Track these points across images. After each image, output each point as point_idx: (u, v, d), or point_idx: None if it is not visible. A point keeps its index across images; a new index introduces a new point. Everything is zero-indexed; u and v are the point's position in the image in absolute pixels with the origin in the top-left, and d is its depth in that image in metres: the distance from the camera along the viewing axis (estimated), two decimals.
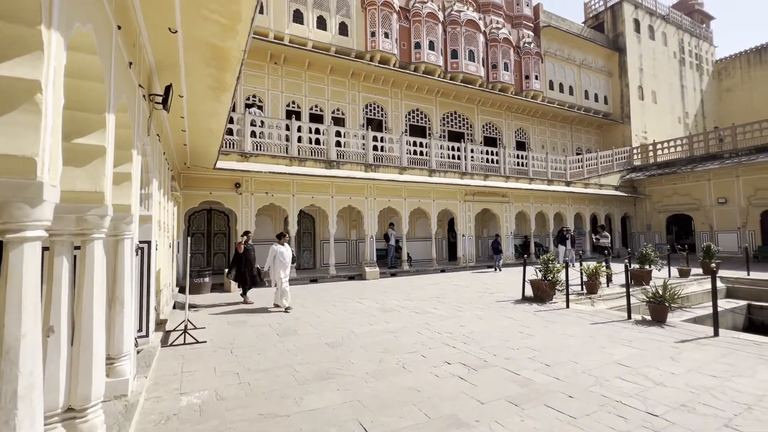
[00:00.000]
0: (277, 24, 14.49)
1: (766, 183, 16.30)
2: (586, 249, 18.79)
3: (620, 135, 24.20)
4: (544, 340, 5.22)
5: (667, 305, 6.06)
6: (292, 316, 6.91)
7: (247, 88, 14.53)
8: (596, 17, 26.57)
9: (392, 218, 14.93)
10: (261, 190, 11.64)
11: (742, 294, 11.24)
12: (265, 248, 13.21)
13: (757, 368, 4.03)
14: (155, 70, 4.13)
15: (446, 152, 15.56)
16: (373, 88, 16.99)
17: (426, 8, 17.21)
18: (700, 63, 29.56)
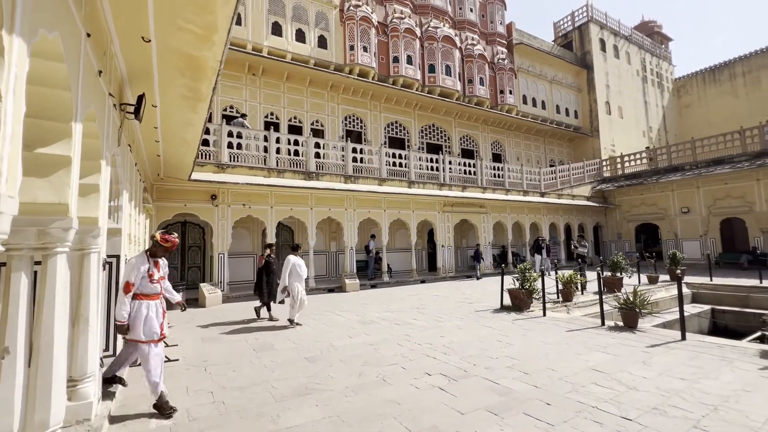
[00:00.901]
0: (256, 36, 14.47)
1: (724, 193, 17.32)
2: (561, 258, 19.30)
3: (590, 148, 25.24)
4: (522, 349, 5.29)
5: (637, 311, 6.28)
6: (269, 332, 6.73)
7: (224, 99, 14.36)
8: (565, 36, 27.89)
9: (372, 230, 14.94)
10: (238, 201, 11.42)
11: (706, 299, 11.78)
12: (242, 261, 13.07)
13: (722, 370, 4.21)
14: (127, 79, 4.02)
15: (425, 164, 15.78)
16: (352, 101, 17.12)
17: (404, 24, 17.61)
18: (661, 81, 31.41)
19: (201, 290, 10.07)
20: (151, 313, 3.46)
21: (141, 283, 3.46)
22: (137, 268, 3.44)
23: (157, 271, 3.66)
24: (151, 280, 3.54)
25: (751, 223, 16.54)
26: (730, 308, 10.95)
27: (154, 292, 3.58)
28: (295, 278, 6.98)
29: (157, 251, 3.68)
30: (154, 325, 3.45)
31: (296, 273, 7.03)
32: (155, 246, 3.67)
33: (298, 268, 7.06)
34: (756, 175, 16.31)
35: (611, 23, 27.85)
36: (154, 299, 3.56)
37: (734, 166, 16.99)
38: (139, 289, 3.46)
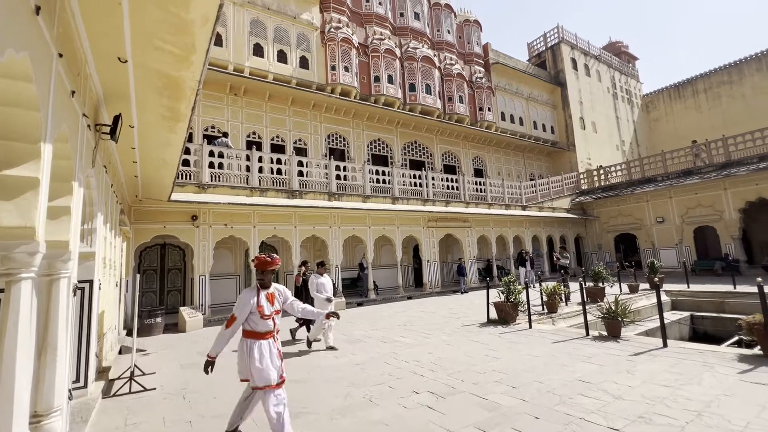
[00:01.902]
0: (237, 57, 14.56)
1: (695, 202, 18.03)
2: (545, 269, 19.56)
3: (568, 161, 26.03)
4: (510, 362, 5.27)
5: (620, 320, 6.38)
6: None
7: (205, 119, 14.28)
8: (539, 56, 29.08)
9: (358, 246, 14.87)
10: (220, 222, 11.22)
11: (685, 306, 12.08)
12: (224, 283, 12.74)
13: (703, 375, 4.28)
14: (104, 99, 3.96)
15: (408, 180, 15.93)
16: (335, 119, 17.28)
17: (384, 45, 18.06)
18: (631, 97, 32.94)
19: (181, 314, 9.74)
20: (264, 354, 2.96)
21: (251, 319, 3.01)
22: (245, 303, 3.02)
23: (269, 305, 3.09)
24: (262, 315, 3.03)
25: (721, 230, 17.21)
26: (708, 314, 11.24)
27: (266, 330, 3.04)
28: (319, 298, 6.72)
29: (264, 280, 3.14)
30: (269, 369, 2.93)
31: (320, 293, 6.77)
32: (258, 274, 3.16)
33: (323, 289, 6.77)
34: (723, 185, 17.08)
35: (581, 44, 29.25)
36: (266, 338, 3.03)
37: (702, 176, 17.78)
38: (249, 326, 3.02)
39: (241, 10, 14.93)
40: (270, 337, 3.06)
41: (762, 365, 4.50)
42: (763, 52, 28.15)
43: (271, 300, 3.13)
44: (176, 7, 2.61)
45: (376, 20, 18.75)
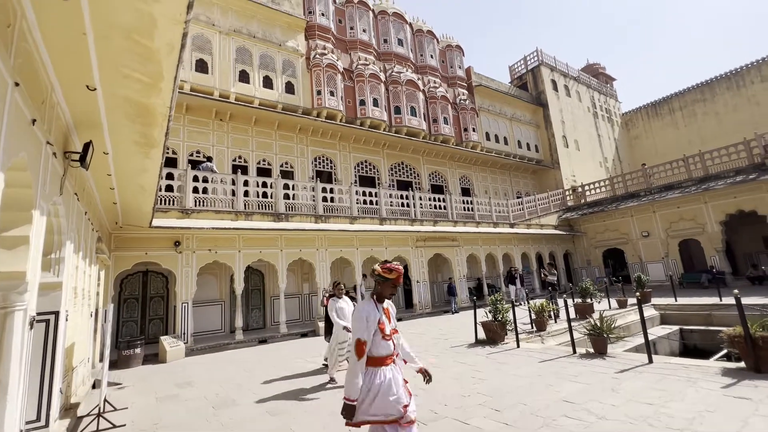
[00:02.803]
0: (223, 83, 14.75)
1: (678, 216, 18.38)
2: (535, 287, 19.53)
3: (553, 179, 26.50)
4: (495, 384, 5.15)
5: (605, 337, 6.33)
6: (233, 383, 6.28)
7: (190, 144, 14.30)
8: (520, 78, 30.07)
9: (346, 268, 14.73)
10: (204, 247, 11.06)
11: (674, 319, 12.08)
12: (208, 310, 12.41)
13: (686, 391, 4.23)
14: (73, 126, 3.94)
15: (396, 200, 16.00)
16: (321, 142, 17.45)
17: (368, 70, 18.51)
18: (611, 116, 34.04)
19: (161, 344, 9.41)
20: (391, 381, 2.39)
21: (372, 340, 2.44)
22: (366, 318, 2.42)
23: (389, 322, 2.57)
24: (384, 335, 2.47)
25: (705, 243, 17.49)
26: (697, 327, 11.25)
27: (388, 353, 2.47)
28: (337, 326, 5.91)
29: (383, 290, 2.58)
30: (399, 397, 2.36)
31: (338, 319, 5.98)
32: (380, 284, 2.57)
33: (342, 314, 5.90)
34: (703, 198, 17.49)
35: (560, 66, 30.38)
36: (387, 363, 2.45)
37: (683, 191, 18.20)
38: (368, 351, 2.41)
39: (227, 39, 15.25)
40: (391, 361, 2.49)
41: (745, 379, 4.47)
42: (732, 71, 29.54)
43: (389, 316, 2.60)
44: (141, 37, 2.64)
45: (361, 47, 19.29)
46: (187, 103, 13.95)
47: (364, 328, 2.41)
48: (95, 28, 2.53)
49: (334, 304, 5.99)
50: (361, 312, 2.47)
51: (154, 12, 2.36)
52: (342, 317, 5.86)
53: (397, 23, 21.20)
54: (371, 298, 2.59)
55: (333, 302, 6.02)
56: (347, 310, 5.94)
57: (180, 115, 14.03)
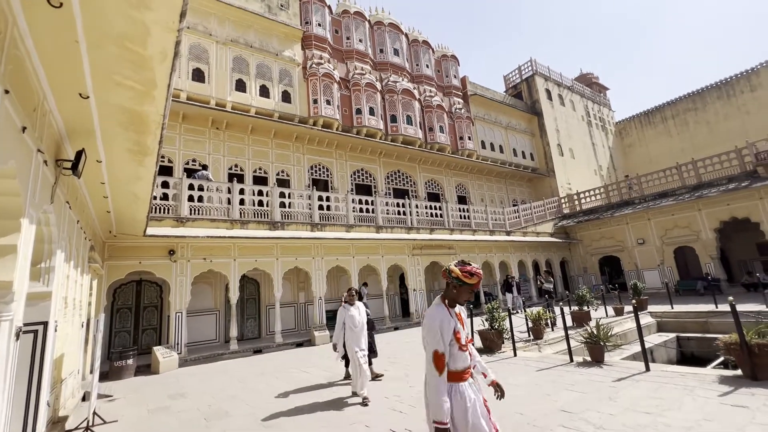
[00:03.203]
0: (219, 92, 14.81)
1: (672, 224, 18.48)
2: (532, 294, 19.49)
3: (548, 187, 26.65)
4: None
5: (602, 345, 6.30)
6: (227, 394, 6.17)
7: (186, 153, 14.27)
8: (515, 87, 30.42)
9: (342, 277, 14.66)
10: (199, 256, 10.97)
11: (671, 327, 12.07)
12: (203, 319, 12.26)
13: (683, 400, 4.20)
14: (66, 134, 3.91)
15: (392, 208, 15.99)
16: (317, 150, 17.48)
17: (365, 79, 18.66)
18: (604, 125, 34.43)
19: (154, 354, 9.26)
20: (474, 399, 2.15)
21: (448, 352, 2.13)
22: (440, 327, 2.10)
23: (463, 330, 2.27)
24: (460, 345, 2.18)
25: (700, 250, 17.56)
26: (694, 335, 11.23)
27: (465, 366, 2.20)
28: (349, 336, 5.36)
29: (459, 296, 2.26)
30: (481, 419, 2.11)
31: (350, 329, 5.37)
32: (456, 287, 2.24)
33: (351, 322, 5.37)
34: (697, 206, 17.62)
35: (554, 75, 30.79)
36: (466, 378, 2.20)
37: (677, 198, 18.34)
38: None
39: (224, 48, 15.35)
40: (469, 375, 2.22)
41: (742, 386, 4.45)
42: (722, 81, 30.04)
43: (462, 323, 2.28)
44: (134, 44, 2.64)
45: (357, 56, 19.47)
46: (184, 111, 13.96)
47: (440, 337, 2.09)
48: (88, 35, 2.53)
49: (344, 312, 5.49)
50: (433, 320, 2.14)
51: (146, 20, 2.36)
52: (353, 326, 5.36)
53: (393, 33, 21.45)
54: (442, 302, 2.26)
55: (343, 310, 5.51)
56: (358, 318, 5.44)
57: (176, 123, 14.03)
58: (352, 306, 5.56)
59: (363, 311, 5.58)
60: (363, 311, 5.58)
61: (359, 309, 5.56)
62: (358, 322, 5.39)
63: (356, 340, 5.32)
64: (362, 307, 5.63)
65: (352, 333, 5.36)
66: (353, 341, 5.32)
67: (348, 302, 5.61)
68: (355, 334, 5.35)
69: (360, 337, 5.36)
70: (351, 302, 5.61)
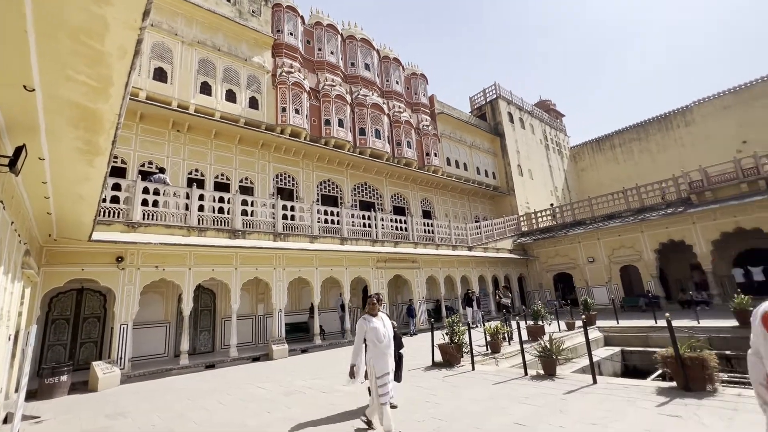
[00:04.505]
0: (182, 93, 14.27)
1: (619, 244, 19.84)
2: (491, 309, 20.02)
3: (509, 205, 27.81)
4: (450, 408, 5.14)
5: (555, 359, 6.57)
6: (174, 413, 5.77)
7: (143, 154, 13.54)
8: (479, 108, 31.79)
9: (304, 288, 14.35)
10: (150, 263, 10.31)
11: (616, 341, 12.82)
12: (152, 332, 11.47)
13: (627, 411, 4.46)
14: (5, 128, 3.60)
15: (358, 221, 15.97)
16: (284, 159, 17.21)
17: (335, 91, 18.74)
18: (560, 149, 36.68)
19: (93, 370, 8.52)
20: None
21: None
22: None
23: None
24: None
25: (642, 269, 18.94)
26: (636, 348, 11.99)
27: None
28: (372, 353, 4.36)
29: None
30: None
31: (374, 344, 4.37)
32: None
33: (376, 336, 4.37)
34: (640, 228, 19.06)
35: (516, 100, 32.55)
36: None
37: (623, 220, 19.77)
38: None
39: (189, 49, 14.88)
40: None
41: (676, 397, 4.79)
42: (661, 115, 33.08)
43: None
44: (90, 39, 2.51)
45: (328, 68, 19.56)
46: (142, 111, 13.30)
47: None
48: (38, 25, 2.37)
49: (365, 324, 4.43)
50: None
51: (106, 15, 2.26)
52: (377, 340, 4.33)
53: (365, 48, 21.81)
54: None
55: (364, 322, 4.46)
56: (383, 331, 4.41)
57: (132, 123, 13.32)
58: (375, 317, 4.53)
59: (388, 323, 4.61)
60: (388, 323, 4.61)
61: (383, 320, 4.55)
62: (383, 335, 4.38)
63: (380, 359, 4.26)
64: (386, 318, 4.68)
65: (375, 349, 4.30)
66: (377, 360, 4.28)
67: (370, 313, 4.58)
68: (380, 350, 4.30)
69: (386, 356, 4.34)
70: (374, 312, 4.58)
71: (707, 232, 17.09)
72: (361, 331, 4.42)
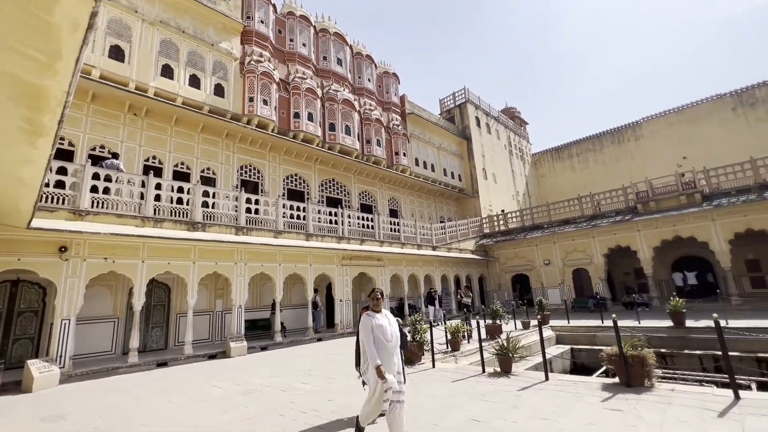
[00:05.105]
0: (141, 75, 13.42)
1: (572, 248, 21.00)
2: (452, 308, 20.53)
3: (473, 207, 28.61)
4: (410, 405, 5.20)
5: (511, 356, 6.85)
6: (120, 415, 5.43)
7: (94, 137, 12.61)
8: (449, 111, 32.43)
9: (266, 284, 14.00)
10: (98, 255, 9.63)
11: (567, 340, 13.57)
12: (97, 328, 10.72)
13: (575, 406, 4.73)
14: None
15: (324, 217, 15.78)
16: (250, 150, 16.66)
17: (305, 84, 18.39)
18: (523, 155, 38.22)
19: (27, 369, 7.83)
20: None
21: None
22: None
23: None
24: None
25: (592, 272, 20.19)
26: (584, 347, 12.76)
27: None
28: (381, 351, 3.79)
29: None
30: None
31: (381, 342, 3.83)
32: None
33: (382, 333, 3.85)
34: (592, 233, 20.29)
35: (483, 105, 33.52)
36: None
37: (577, 225, 20.94)
38: None
39: (150, 29, 14.01)
40: None
41: (619, 393, 5.16)
42: (614, 128, 35.32)
43: None
44: (38, 9, 2.29)
45: (299, 60, 19.15)
46: (95, 91, 12.37)
47: None
48: None
49: (369, 321, 3.90)
50: None
51: None
52: (385, 339, 3.80)
53: (338, 43, 21.56)
54: None
55: (368, 319, 3.93)
56: (390, 329, 3.90)
57: (83, 103, 12.36)
58: (379, 313, 4.02)
59: (393, 320, 4.12)
60: (393, 320, 4.12)
61: (388, 317, 4.06)
62: (390, 334, 3.89)
63: (387, 360, 3.76)
64: (391, 315, 4.18)
65: (383, 349, 3.79)
66: (385, 358, 3.77)
67: (374, 308, 4.06)
68: (387, 351, 3.80)
69: (393, 356, 3.85)
70: (378, 308, 4.06)
71: (650, 239, 18.48)
72: (368, 328, 3.86)
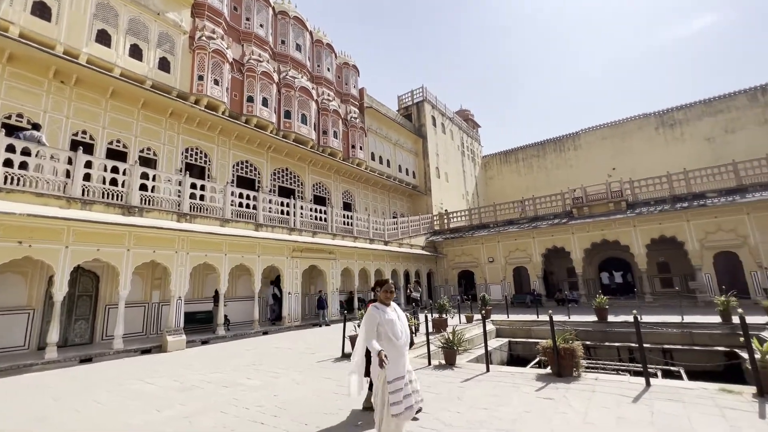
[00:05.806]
0: (72, 39, 12.00)
1: (514, 247, 22.35)
2: (402, 302, 20.95)
3: (425, 204, 29.31)
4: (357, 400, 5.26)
5: (455, 349, 7.16)
6: (34, 416, 4.88)
7: (11, 104, 11.09)
8: (406, 109, 32.78)
9: (210, 275, 13.30)
10: (12, 238, 8.52)
11: (506, 333, 14.46)
12: (7, 320, 9.50)
13: (512, 396, 5.07)
14: None
15: (275, 207, 15.29)
16: (197, 132, 15.62)
17: (261, 67, 17.57)
18: (474, 157, 39.77)
19: None
20: None
21: None
22: None
23: None
24: None
25: (531, 270, 21.66)
26: (521, 340, 13.69)
27: None
28: (390, 350, 3.30)
29: None
30: None
31: (388, 339, 3.36)
32: None
33: (391, 328, 3.39)
34: (532, 234, 21.73)
35: (440, 105, 34.32)
36: None
37: (519, 226, 22.30)
38: None
39: None
40: None
41: (551, 382, 5.62)
42: (556, 137, 37.94)
43: None
44: None
45: (256, 41, 18.25)
46: (12, 51, 10.86)
47: None
48: None
49: (377, 315, 3.41)
50: None
51: None
52: (394, 336, 3.35)
53: (297, 28, 20.85)
54: None
55: (375, 312, 3.44)
56: (399, 326, 3.45)
57: None
58: (388, 306, 3.55)
59: (403, 315, 3.66)
60: (403, 315, 3.66)
61: (398, 312, 3.60)
62: (400, 330, 3.43)
63: (396, 360, 3.29)
64: (400, 310, 3.71)
65: (390, 347, 3.31)
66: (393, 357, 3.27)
67: (381, 301, 3.59)
68: (397, 349, 3.33)
69: (403, 356, 3.38)
70: (388, 301, 3.59)
71: (582, 241, 20.20)
72: (373, 323, 3.39)
